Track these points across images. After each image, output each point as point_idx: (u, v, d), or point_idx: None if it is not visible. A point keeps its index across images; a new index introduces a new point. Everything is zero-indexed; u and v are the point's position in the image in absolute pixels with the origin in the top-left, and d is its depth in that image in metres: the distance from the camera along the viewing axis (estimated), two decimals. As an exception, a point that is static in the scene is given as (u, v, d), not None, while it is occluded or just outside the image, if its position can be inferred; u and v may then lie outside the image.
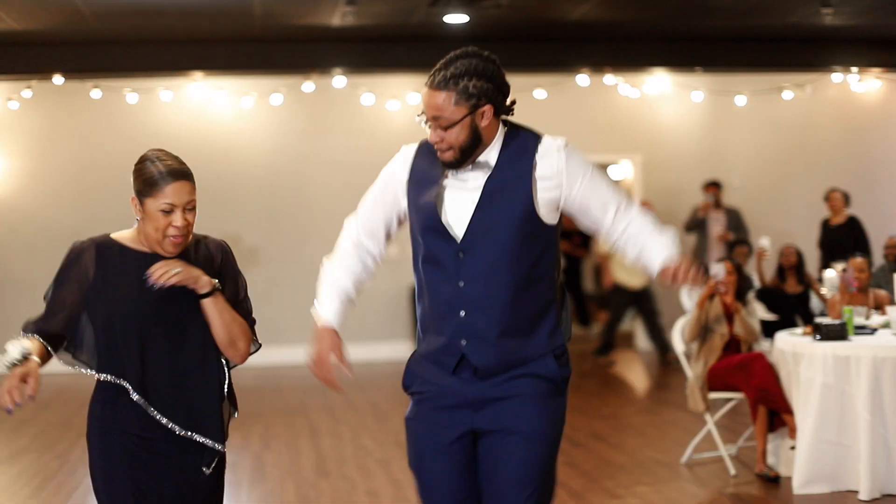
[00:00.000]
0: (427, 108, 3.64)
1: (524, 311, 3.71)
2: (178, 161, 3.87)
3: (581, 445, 9.11)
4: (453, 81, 3.59)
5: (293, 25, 12.26)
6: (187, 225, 3.80)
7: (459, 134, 3.62)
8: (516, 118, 10.49)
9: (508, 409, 3.70)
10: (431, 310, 3.77)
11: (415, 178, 3.80)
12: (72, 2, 10.71)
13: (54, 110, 14.39)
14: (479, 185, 3.69)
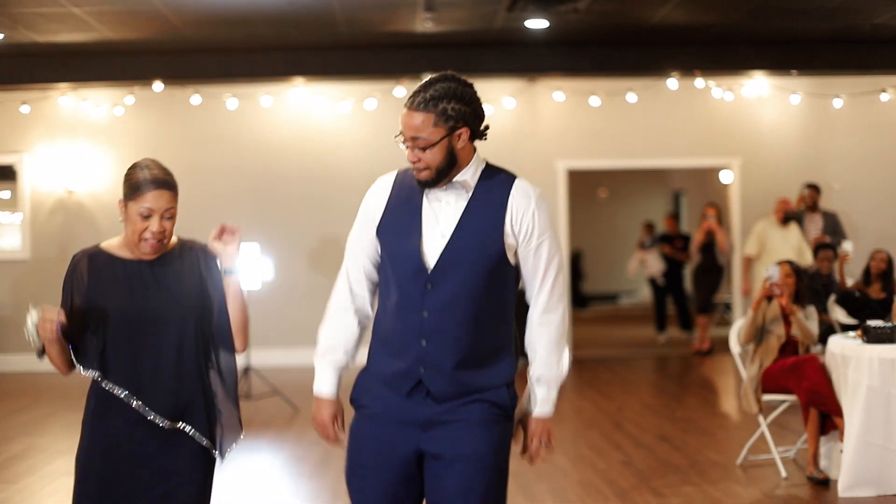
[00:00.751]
0: (405, 128, 3.72)
1: (483, 344, 3.79)
2: (165, 172, 4.15)
3: (644, 446, 9.18)
4: (432, 104, 3.67)
5: (380, 32, 12.54)
6: (163, 231, 4.05)
7: (436, 155, 3.71)
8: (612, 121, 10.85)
9: (455, 433, 3.74)
10: (392, 334, 3.83)
11: (391, 206, 3.87)
12: (161, 13, 11.17)
13: (156, 116, 14.92)
14: (456, 214, 3.78)
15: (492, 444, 3.79)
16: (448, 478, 3.74)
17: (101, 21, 11.49)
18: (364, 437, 3.86)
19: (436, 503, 3.79)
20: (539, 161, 15.06)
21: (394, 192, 3.90)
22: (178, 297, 4.09)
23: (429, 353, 3.75)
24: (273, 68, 13.80)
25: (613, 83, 14.73)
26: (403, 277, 3.78)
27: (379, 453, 3.81)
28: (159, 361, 4.06)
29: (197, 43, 12.83)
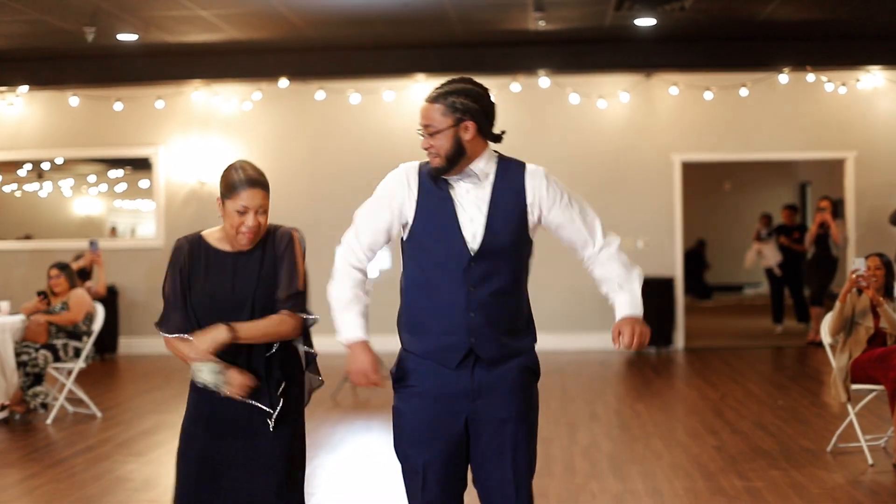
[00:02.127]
0: (421, 118, 4.19)
1: (517, 312, 4.28)
2: (258, 172, 4.55)
3: (739, 433, 9.43)
4: (443, 97, 4.15)
5: (494, 30, 12.96)
6: (258, 226, 4.50)
7: (444, 142, 4.14)
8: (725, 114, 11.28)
9: (497, 398, 4.20)
10: (435, 313, 4.24)
11: (423, 191, 4.25)
12: (283, 14, 11.76)
13: (282, 110, 15.57)
14: (479, 201, 4.22)
15: (529, 404, 4.28)
16: (496, 437, 4.20)
17: (228, 22, 12.13)
18: (415, 413, 4.25)
19: (483, 462, 4.24)
20: (655, 154, 15.34)
21: (422, 183, 4.27)
22: (258, 282, 4.51)
23: (477, 323, 4.17)
24: (393, 65, 14.34)
25: (726, 77, 14.92)
26: (447, 259, 4.19)
27: (433, 427, 4.22)
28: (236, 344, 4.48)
29: (319, 42, 13.42)
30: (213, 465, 4.52)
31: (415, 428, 4.27)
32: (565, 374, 13.16)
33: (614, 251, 4.40)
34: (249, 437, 4.52)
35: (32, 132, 16.08)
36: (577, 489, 7.58)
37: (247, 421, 4.52)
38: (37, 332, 10.65)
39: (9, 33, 12.68)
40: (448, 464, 4.24)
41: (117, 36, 12.80)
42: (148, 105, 15.65)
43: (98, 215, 16.69)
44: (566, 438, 9.34)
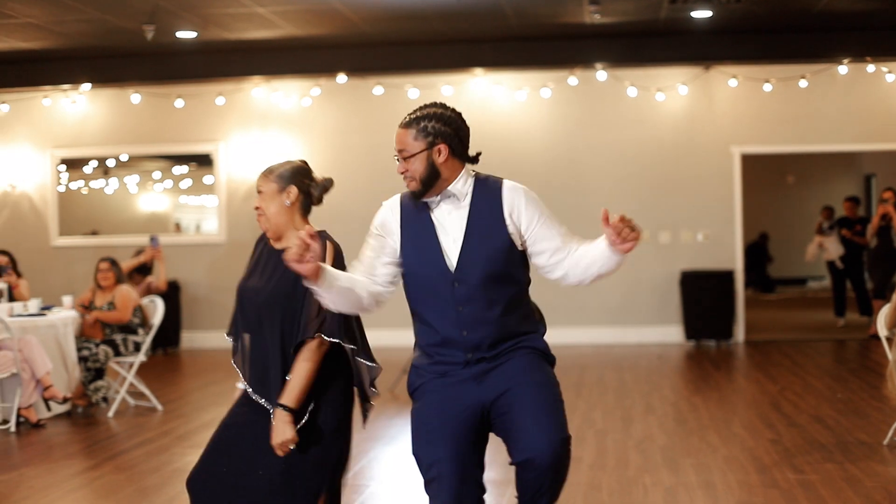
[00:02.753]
0: (396, 143, 4.38)
1: (513, 320, 4.39)
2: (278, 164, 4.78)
3: (796, 426, 9.39)
4: (416, 122, 4.35)
5: (550, 24, 12.98)
6: (259, 208, 4.66)
7: (418, 165, 4.32)
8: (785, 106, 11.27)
9: (509, 369, 4.34)
10: (435, 336, 4.40)
11: (405, 221, 4.45)
12: (339, 11, 11.86)
13: (341, 106, 15.69)
14: (460, 221, 4.37)
15: (546, 374, 4.40)
16: (522, 398, 4.28)
17: (285, 19, 12.25)
18: (426, 404, 4.39)
19: (519, 422, 4.26)
20: (714, 147, 15.27)
21: (403, 212, 4.47)
22: (273, 283, 4.62)
23: (470, 340, 4.34)
24: (450, 60, 14.40)
25: (785, 69, 14.82)
26: (433, 281, 4.36)
27: (442, 409, 4.33)
28: (258, 341, 4.63)
29: (376, 37, 13.51)
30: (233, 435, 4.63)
31: (425, 427, 4.35)
32: (622, 367, 13.16)
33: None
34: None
35: (96, 129, 16.34)
36: (630, 482, 7.58)
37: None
38: (92, 328, 10.84)
39: (70, 32, 12.88)
40: (461, 464, 4.28)
41: (176, 33, 12.97)
42: (208, 102, 15.83)
43: (163, 211, 16.90)
44: (620, 432, 9.34)
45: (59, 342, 10.63)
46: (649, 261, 15.27)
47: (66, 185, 16.71)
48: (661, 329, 15.29)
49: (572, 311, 15.20)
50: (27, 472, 8.38)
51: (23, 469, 8.48)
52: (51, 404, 10.30)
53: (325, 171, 15.89)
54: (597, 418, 9.99)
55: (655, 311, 15.31)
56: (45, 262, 16.38)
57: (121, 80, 15.39)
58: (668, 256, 15.38)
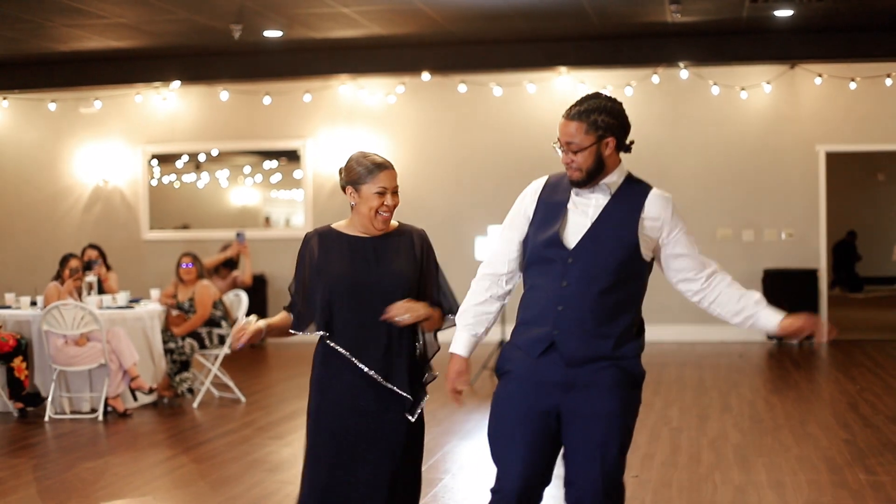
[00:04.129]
0: (561, 134, 4.34)
1: (613, 320, 4.33)
2: (384, 157, 4.83)
3: (872, 427, 9.36)
4: (585, 115, 4.29)
5: (632, 23, 13.02)
6: (395, 205, 4.74)
7: (587, 158, 4.31)
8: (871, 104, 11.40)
9: (592, 394, 4.29)
10: (534, 305, 4.44)
11: (540, 206, 4.47)
12: (421, 10, 12.02)
13: (426, 104, 15.85)
14: (597, 209, 4.36)
15: (624, 405, 4.33)
16: (586, 433, 4.31)
17: (369, 18, 12.44)
18: (507, 395, 4.43)
19: (574, 455, 4.36)
20: (799, 145, 15.20)
21: (544, 192, 4.49)
22: (395, 270, 4.73)
23: (563, 316, 4.30)
24: (533, 58, 14.49)
25: (871, 67, 14.69)
26: (549, 253, 4.35)
27: (520, 408, 4.37)
28: (376, 325, 4.70)
29: (458, 36, 13.64)
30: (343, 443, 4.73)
31: (506, 412, 4.41)
32: (703, 365, 13.18)
33: (727, 277, 4.53)
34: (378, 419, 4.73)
35: (186, 126, 16.69)
36: (700, 479, 7.64)
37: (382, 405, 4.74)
38: (175, 322, 11.12)
39: (159, 32, 13.19)
40: (532, 453, 4.35)
41: (263, 33, 13.22)
42: (296, 99, 16.08)
43: (254, 205, 17.19)
44: (695, 429, 9.39)
45: (146, 334, 10.91)
46: (733, 259, 15.21)
47: (159, 180, 17.06)
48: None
49: (655, 308, 15.00)
50: (112, 459, 8.65)
51: (108, 457, 8.76)
52: (137, 394, 10.58)
53: (410, 167, 16.23)
54: (673, 416, 10.04)
55: (739, 308, 15.23)
56: (136, 255, 16.77)
57: (209, 77, 15.69)
58: (752, 255, 15.33)
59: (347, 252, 4.76)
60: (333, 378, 4.75)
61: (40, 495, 7.51)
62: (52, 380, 10.27)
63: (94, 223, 17.00)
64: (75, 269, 10.80)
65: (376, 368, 4.69)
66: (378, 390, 4.71)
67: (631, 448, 8.38)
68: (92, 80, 15.67)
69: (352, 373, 4.71)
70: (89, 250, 12.05)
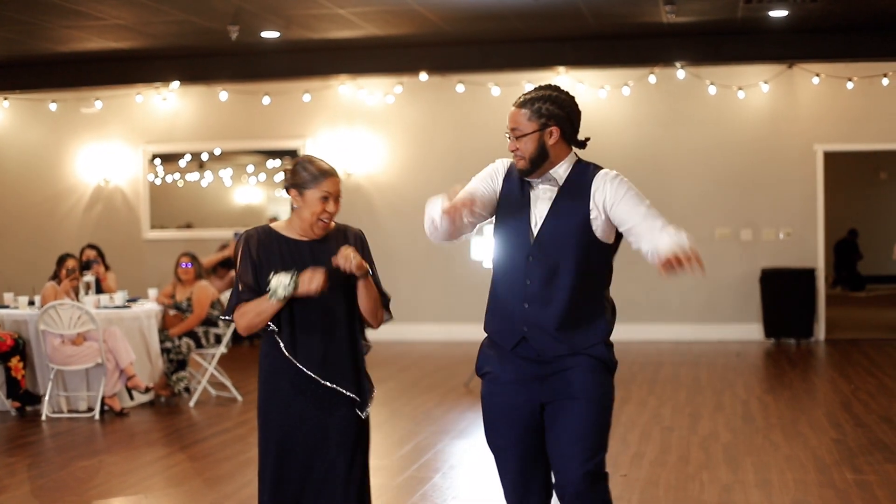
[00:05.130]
0: (509, 121, 4.45)
1: (578, 309, 4.40)
2: (329, 165, 4.82)
3: (863, 426, 9.39)
4: (530, 102, 4.41)
5: (628, 23, 13.07)
6: (336, 211, 4.75)
7: (529, 145, 4.38)
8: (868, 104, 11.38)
9: (567, 379, 4.38)
10: (501, 299, 4.53)
11: (507, 186, 4.54)
12: (417, 11, 12.07)
13: (424, 104, 15.91)
14: (547, 203, 4.43)
15: (599, 388, 4.41)
16: (565, 416, 4.39)
17: (365, 19, 12.50)
18: (493, 398, 4.54)
19: (556, 438, 4.42)
20: (797, 145, 15.24)
21: (508, 176, 4.56)
22: (332, 272, 4.70)
23: (530, 314, 4.40)
24: (530, 58, 14.55)
25: (867, 67, 14.71)
26: (513, 251, 4.46)
27: (506, 410, 4.48)
28: (317, 329, 4.73)
29: (455, 36, 13.70)
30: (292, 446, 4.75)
31: (492, 413, 4.54)
32: (699, 364, 13.22)
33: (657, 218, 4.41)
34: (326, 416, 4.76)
35: (186, 126, 16.76)
36: (688, 478, 7.69)
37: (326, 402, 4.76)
38: (172, 322, 11.19)
39: (157, 33, 13.25)
40: (525, 449, 4.48)
41: (260, 34, 13.28)
42: (295, 99, 16.15)
43: (257, 204, 17.24)
44: (686, 428, 9.44)
45: (143, 333, 10.98)
46: (731, 258, 15.27)
47: (163, 179, 17.13)
48: (741, 327, 15.28)
49: (653, 308, 15.28)
50: (107, 458, 8.73)
51: (103, 455, 8.83)
52: (134, 394, 10.66)
53: (409, 166, 16.24)
54: (665, 415, 10.09)
55: (736, 308, 15.30)
56: (136, 255, 16.84)
57: (208, 78, 15.76)
58: (750, 254, 15.36)
59: (286, 254, 4.75)
60: (279, 379, 4.76)
61: (34, 494, 7.58)
62: (50, 379, 10.35)
63: (95, 223, 17.08)
64: (72, 269, 10.87)
65: (316, 370, 4.71)
66: (322, 390, 4.73)
67: (620, 447, 8.49)
68: (91, 80, 15.74)
69: (296, 376, 4.73)
70: (88, 250, 12.13)
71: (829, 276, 21.68)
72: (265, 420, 4.80)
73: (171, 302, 11.25)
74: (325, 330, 4.73)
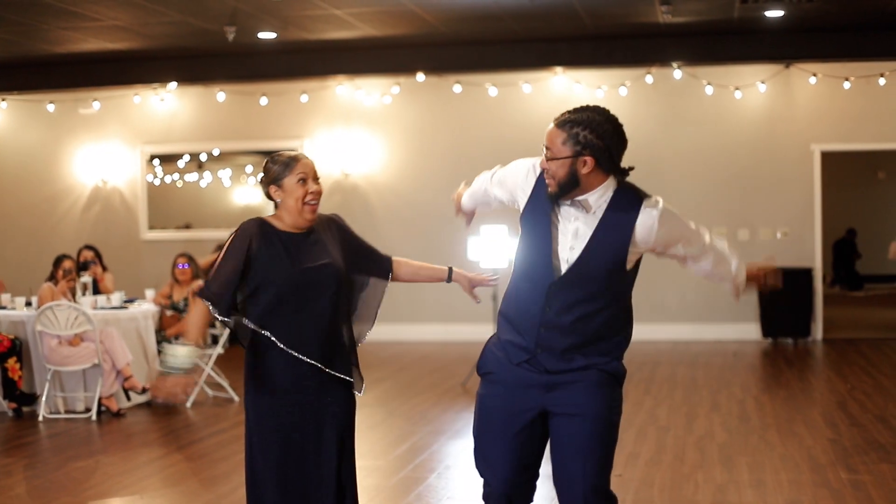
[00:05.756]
0: (546, 139, 4.16)
1: (597, 333, 4.26)
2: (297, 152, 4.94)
3: (858, 426, 9.40)
4: (569, 125, 4.11)
5: (624, 23, 13.08)
6: (320, 191, 4.81)
7: (559, 170, 4.13)
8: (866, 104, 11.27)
9: (575, 393, 4.23)
10: (517, 314, 4.34)
11: (536, 193, 4.33)
12: (413, 11, 12.09)
13: (422, 104, 15.91)
14: (584, 229, 4.20)
15: (606, 403, 4.26)
16: (572, 432, 4.26)
17: (361, 20, 12.51)
18: (491, 399, 4.38)
19: (560, 454, 4.31)
20: (794, 145, 15.25)
21: (538, 184, 4.34)
22: (327, 262, 4.77)
23: (546, 338, 4.25)
24: (527, 59, 14.55)
25: (864, 67, 14.72)
26: (534, 274, 4.28)
27: (505, 413, 4.34)
28: (316, 317, 4.75)
29: (452, 37, 13.71)
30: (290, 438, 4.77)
31: (489, 415, 4.40)
32: (696, 364, 13.23)
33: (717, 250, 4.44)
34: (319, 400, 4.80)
35: (184, 126, 16.76)
36: (682, 478, 7.70)
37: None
38: (169, 323, 11.20)
39: (154, 34, 13.26)
40: (516, 456, 4.35)
41: (257, 34, 13.29)
42: (293, 100, 16.16)
43: (257, 205, 17.23)
44: (682, 428, 9.44)
45: (140, 334, 11.00)
46: (728, 259, 15.25)
47: (162, 180, 17.14)
48: (738, 326, 15.29)
49: (651, 307, 15.27)
50: (103, 458, 8.73)
51: (99, 456, 8.83)
52: (130, 394, 10.67)
53: (406, 166, 16.24)
54: (661, 415, 10.09)
55: (733, 308, 15.28)
56: (135, 255, 16.86)
57: (206, 79, 15.77)
58: (747, 254, 15.11)
59: (283, 249, 4.77)
60: (274, 371, 4.76)
61: (29, 494, 7.58)
62: (47, 380, 10.35)
63: (93, 223, 17.08)
64: (68, 269, 10.87)
65: (317, 358, 4.72)
66: (318, 380, 4.75)
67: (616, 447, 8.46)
68: (89, 81, 15.75)
69: (292, 365, 4.73)
70: (85, 251, 12.15)
71: (826, 276, 21.69)
72: (261, 422, 4.79)
73: (167, 302, 11.27)
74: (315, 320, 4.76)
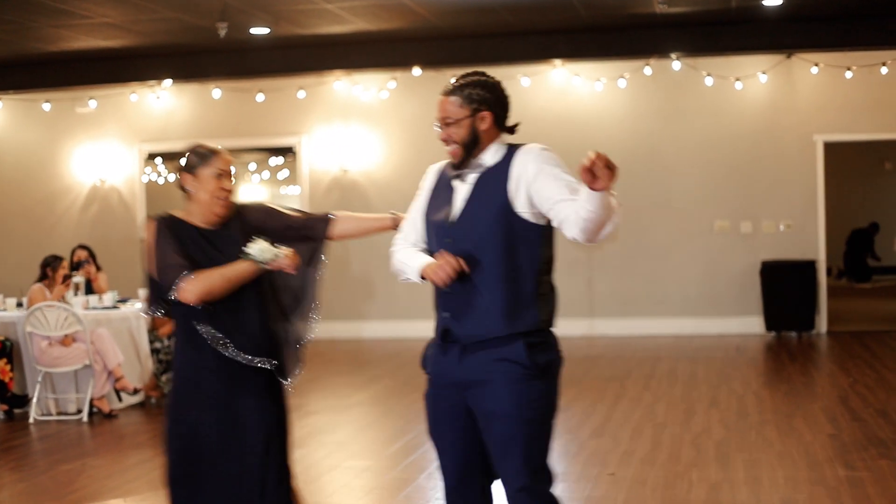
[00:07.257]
0: (439, 111, 4.33)
1: (504, 296, 4.21)
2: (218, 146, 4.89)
3: (859, 420, 9.27)
4: (459, 89, 4.31)
5: (621, 15, 12.94)
6: (233, 188, 4.77)
7: (459, 130, 4.28)
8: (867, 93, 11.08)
9: (485, 392, 4.22)
10: (435, 290, 4.40)
11: (437, 183, 4.48)
12: (406, 5, 11.96)
13: (419, 99, 15.72)
14: (471, 185, 4.32)
15: (517, 402, 4.19)
16: (487, 433, 4.27)
17: (354, 14, 12.38)
18: (429, 400, 4.43)
19: (485, 444, 4.31)
20: (796, 135, 15.10)
21: (439, 177, 4.49)
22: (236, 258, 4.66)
23: (452, 298, 4.26)
24: (523, 51, 14.41)
25: (866, 56, 14.56)
26: (435, 239, 4.37)
27: (439, 412, 4.37)
28: (243, 310, 4.67)
29: (447, 31, 13.58)
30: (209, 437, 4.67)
31: (430, 415, 4.45)
32: (697, 359, 13.07)
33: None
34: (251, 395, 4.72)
35: (181, 124, 16.66)
36: (676, 477, 7.57)
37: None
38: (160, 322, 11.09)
39: (146, 31, 13.15)
40: (461, 453, 4.35)
41: (250, 30, 13.17)
42: (290, 96, 16.04)
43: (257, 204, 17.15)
44: (679, 425, 9.31)
45: (132, 334, 10.90)
46: (730, 251, 15.15)
47: (165, 178, 17.06)
48: (741, 320, 15.14)
49: (653, 301, 15.12)
50: (91, 461, 8.64)
51: (87, 458, 8.75)
52: (122, 395, 10.58)
53: (404, 161, 16.15)
54: (659, 411, 9.97)
55: (736, 301, 15.16)
56: (133, 254, 16.71)
57: (200, 76, 15.65)
58: (750, 246, 15.22)
59: (201, 242, 4.71)
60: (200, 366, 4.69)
61: (13, 499, 7.50)
62: (38, 381, 10.26)
63: (91, 222, 17.00)
64: (67, 275, 10.76)
65: (247, 350, 4.66)
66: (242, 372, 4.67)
67: (610, 444, 8.37)
68: (83, 79, 15.64)
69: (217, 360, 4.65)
70: (79, 251, 12.05)
71: (833, 268, 21.53)
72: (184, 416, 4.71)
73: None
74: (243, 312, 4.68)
